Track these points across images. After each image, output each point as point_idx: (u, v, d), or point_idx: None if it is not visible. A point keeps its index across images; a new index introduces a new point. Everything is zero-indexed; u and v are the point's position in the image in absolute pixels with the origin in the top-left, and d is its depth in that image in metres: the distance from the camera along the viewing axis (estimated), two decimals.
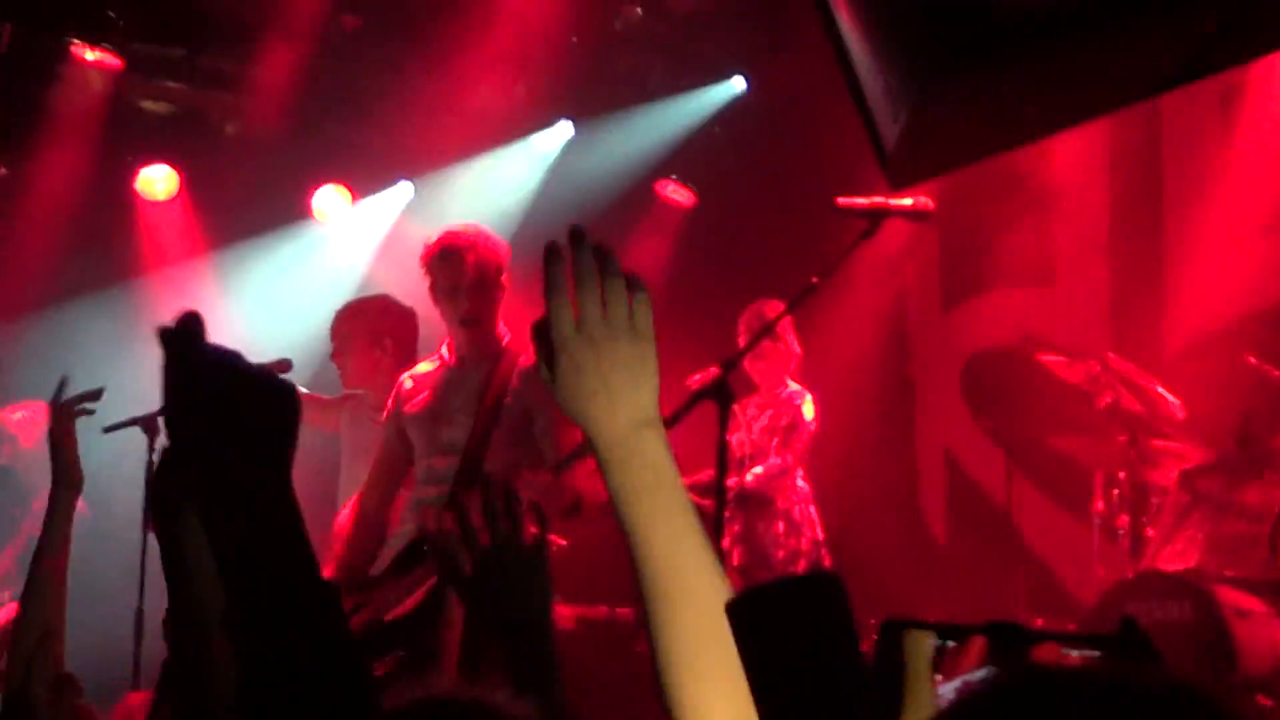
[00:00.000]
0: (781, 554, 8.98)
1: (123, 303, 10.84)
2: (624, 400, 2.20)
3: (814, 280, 5.50)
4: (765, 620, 1.89)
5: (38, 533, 4.55)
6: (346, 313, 8.03)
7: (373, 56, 10.51)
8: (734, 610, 1.94)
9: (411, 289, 7.47)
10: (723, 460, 5.36)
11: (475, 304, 6.78)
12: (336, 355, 7.93)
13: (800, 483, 9.16)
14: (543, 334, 2.19)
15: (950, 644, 1.85)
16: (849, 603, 1.89)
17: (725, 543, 9.10)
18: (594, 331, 2.19)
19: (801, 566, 8.94)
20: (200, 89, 10.88)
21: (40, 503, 9.24)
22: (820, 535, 9.11)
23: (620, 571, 2.18)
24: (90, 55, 10.15)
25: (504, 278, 6.87)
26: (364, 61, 10.55)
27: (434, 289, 6.82)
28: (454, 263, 6.78)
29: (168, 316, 2.07)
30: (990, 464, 10.10)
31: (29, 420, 9.45)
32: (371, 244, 11.23)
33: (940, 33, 2.34)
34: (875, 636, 1.85)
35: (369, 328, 7.85)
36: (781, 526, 9.04)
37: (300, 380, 7.49)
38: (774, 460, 9.04)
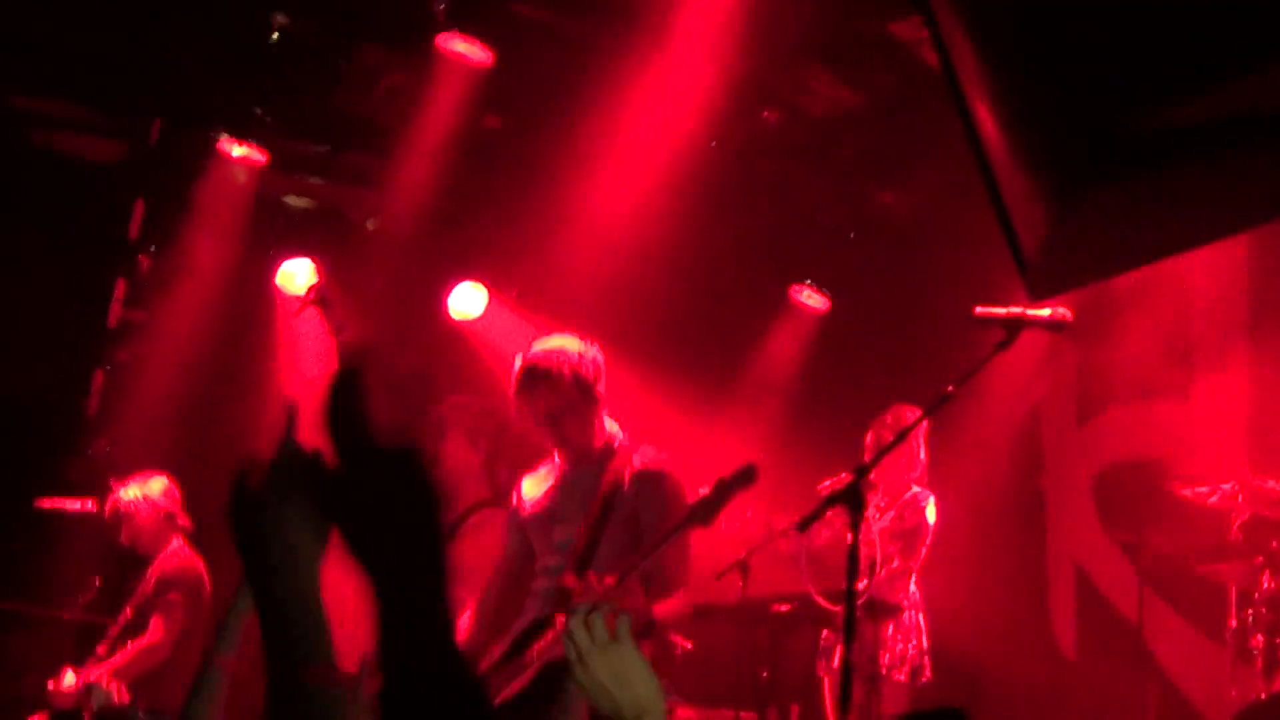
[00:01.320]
0: (887, 657, 8.90)
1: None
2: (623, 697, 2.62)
3: (949, 389, 5.49)
4: None
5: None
6: (451, 403, 8.10)
7: (512, 156, 10.62)
8: None
9: None
10: (853, 566, 5.34)
11: (574, 424, 6.68)
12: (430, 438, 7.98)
13: (913, 588, 9.10)
14: None
15: None
16: None
17: (826, 638, 9.07)
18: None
19: (906, 673, 8.85)
20: (341, 185, 11.05)
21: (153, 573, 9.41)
22: (926, 644, 9.03)
23: (743, 675, 2.23)
24: (236, 150, 10.35)
25: (600, 387, 6.71)
26: (503, 161, 10.67)
27: (528, 416, 6.73)
28: (545, 387, 6.65)
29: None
30: (1122, 578, 9.97)
31: (142, 499, 9.56)
32: (501, 340, 11.30)
33: (1085, 144, 2.34)
34: None
35: (469, 424, 7.92)
36: (890, 629, 8.98)
37: None
38: (895, 564, 8.99)
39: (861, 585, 8.41)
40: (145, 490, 9.53)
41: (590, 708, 5.37)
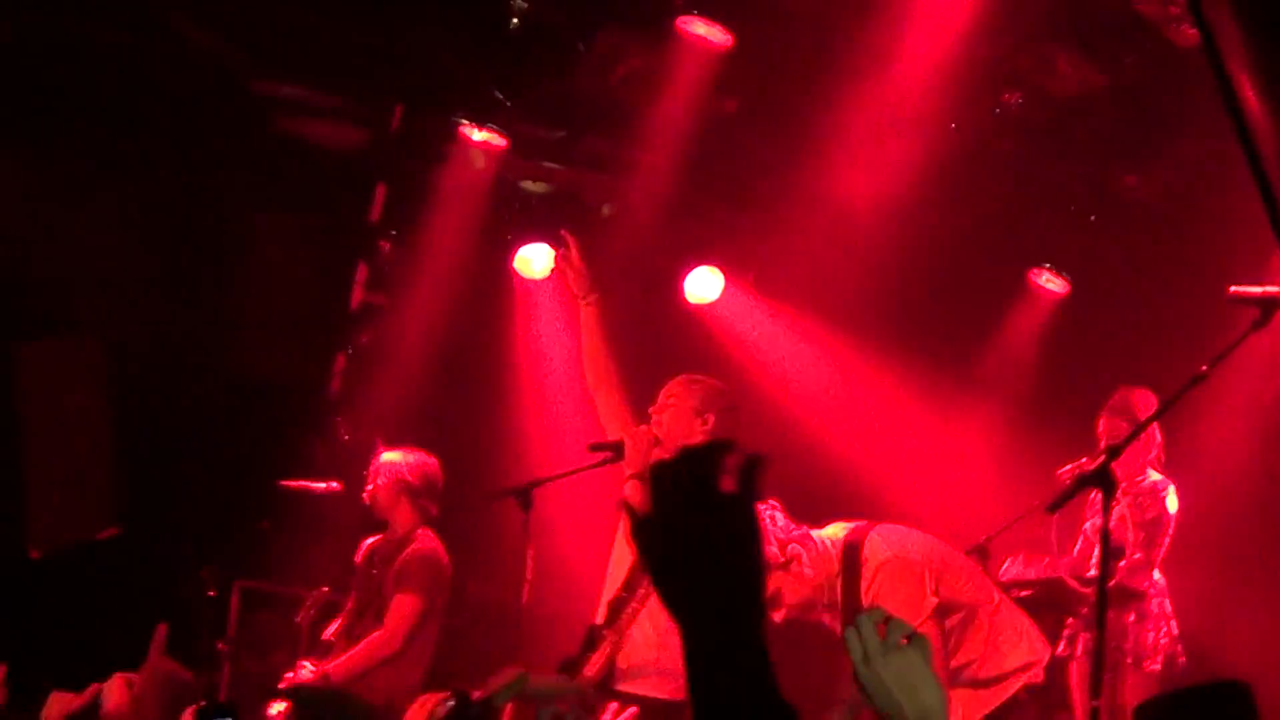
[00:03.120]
0: (1128, 644, 8.77)
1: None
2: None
3: (1203, 369, 5.40)
4: None
5: None
6: (684, 378, 8.09)
7: (749, 140, 10.62)
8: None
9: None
10: (1106, 548, 5.28)
11: None
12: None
13: (1157, 575, 8.96)
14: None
15: None
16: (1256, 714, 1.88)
17: (1071, 624, 8.96)
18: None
19: (1160, 662, 8.72)
20: (578, 169, 11.14)
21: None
22: (1176, 631, 8.88)
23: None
24: (477, 135, 10.48)
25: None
26: (741, 145, 10.67)
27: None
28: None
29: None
30: None
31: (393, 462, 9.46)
32: (738, 324, 11.31)
33: None
34: None
35: (695, 401, 7.89)
36: (1132, 617, 8.84)
37: None
38: (1137, 555, 8.86)
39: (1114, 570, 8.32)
40: (404, 458, 9.30)
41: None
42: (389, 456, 9.27)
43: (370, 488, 9.24)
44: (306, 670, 8.77)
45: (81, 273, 9.62)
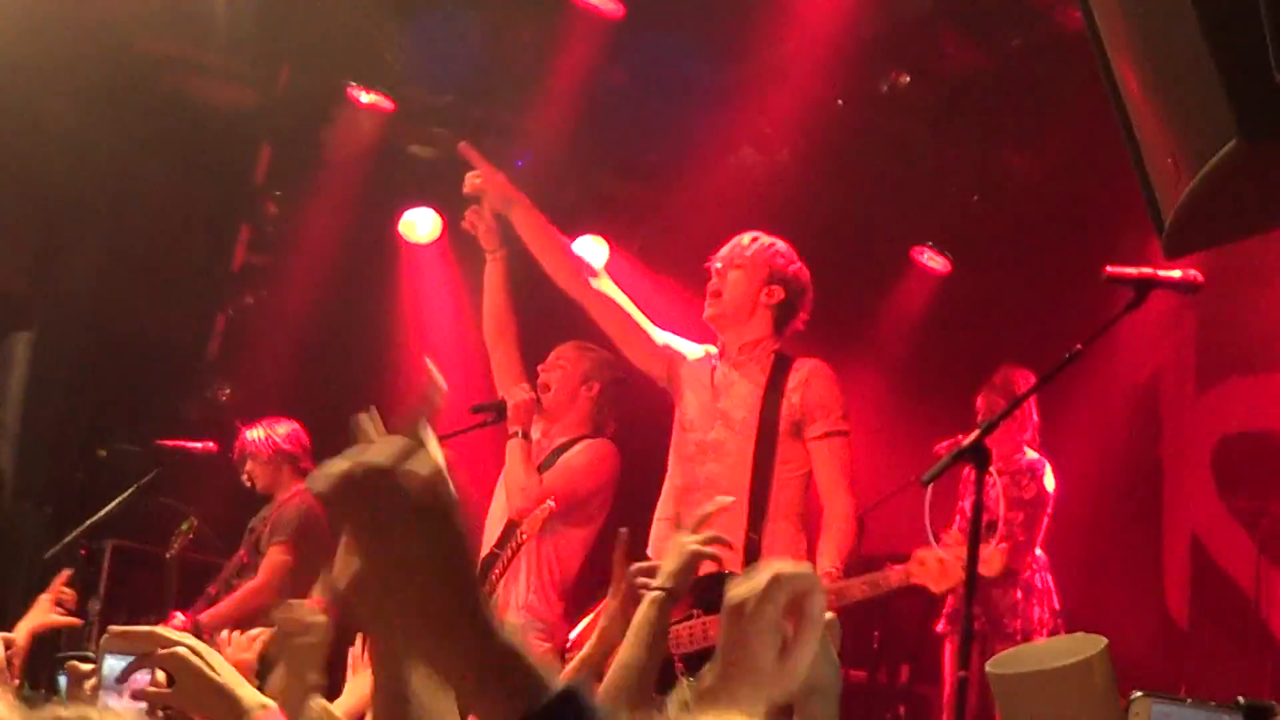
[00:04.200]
0: (1018, 622, 8.90)
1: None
2: None
3: (1078, 347, 5.48)
4: None
5: None
6: (575, 344, 8.10)
7: (638, 112, 10.64)
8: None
9: None
10: (977, 525, 5.34)
11: None
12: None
13: (1038, 551, 9.09)
14: None
15: None
16: None
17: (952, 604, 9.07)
18: None
19: (1043, 635, 8.85)
20: (468, 136, 11.10)
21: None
22: (1058, 605, 9.02)
23: (854, 634, 2.21)
24: (365, 98, 10.44)
25: None
26: (629, 117, 10.69)
27: None
28: None
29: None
30: (1239, 549, 9.90)
31: (265, 439, 9.63)
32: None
33: (1245, 97, 2.33)
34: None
35: (585, 367, 7.95)
36: (1019, 594, 8.98)
37: None
38: (1020, 537, 8.98)
39: (985, 547, 8.41)
40: (271, 432, 9.61)
41: None
42: (255, 434, 9.50)
43: (247, 468, 9.45)
44: (178, 620, 8.89)
45: None
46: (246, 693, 3.37)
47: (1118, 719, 1.68)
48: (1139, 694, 3.80)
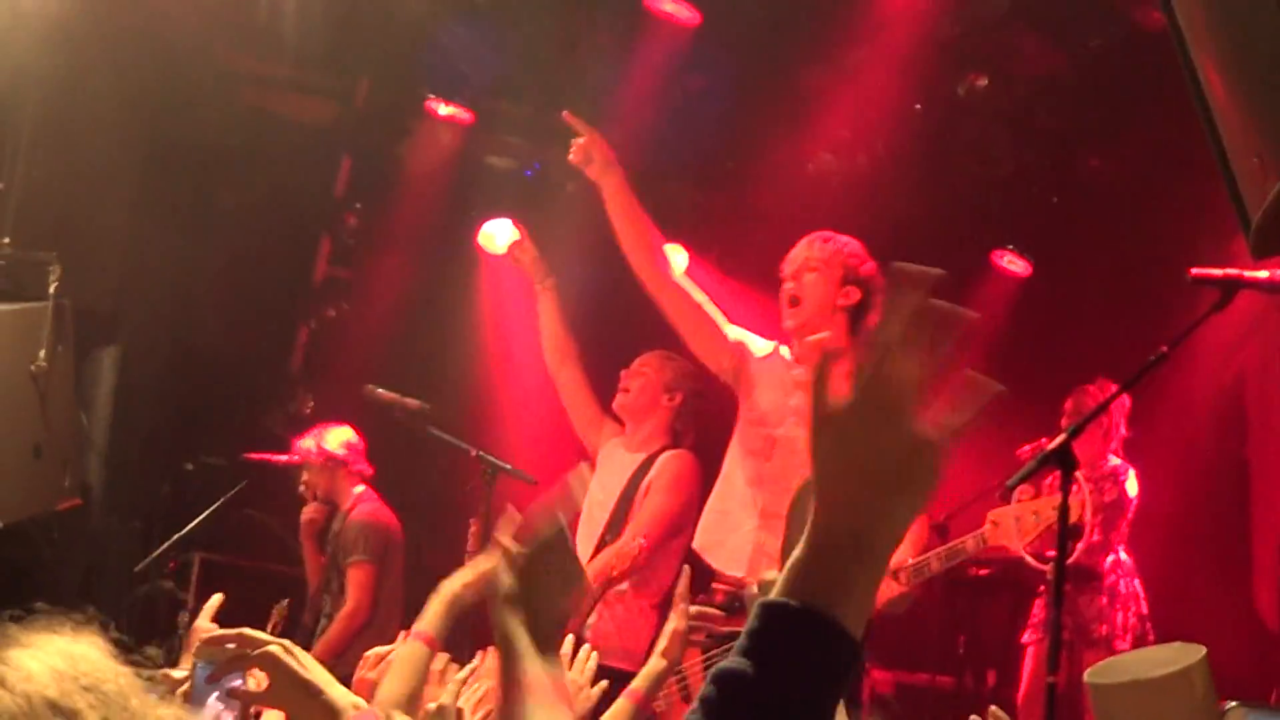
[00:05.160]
0: (1104, 629, 8.84)
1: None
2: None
3: (1163, 349, 5.43)
4: None
5: None
6: (656, 354, 8.10)
7: (716, 118, 10.64)
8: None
9: None
10: (1064, 530, 5.31)
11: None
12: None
13: (1124, 556, 9.03)
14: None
15: None
16: None
17: (1040, 614, 9.01)
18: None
19: (1130, 641, 8.78)
20: (544, 146, 11.13)
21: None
22: (1145, 610, 8.96)
23: (941, 639, 2.19)
24: (443, 110, 10.49)
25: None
26: (706, 124, 10.68)
27: None
28: None
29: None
30: None
31: (316, 449, 9.74)
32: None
33: None
34: None
35: (667, 378, 7.96)
36: (1104, 600, 8.92)
37: None
38: (1095, 537, 8.92)
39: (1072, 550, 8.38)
40: (320, 440, 9.68)
41: None
42: (306, 443, 9.60)
43: (304, 479, 9.57)
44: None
45: (48, 241, 9.58)
46: (339, 693, 3.39)
47: None
48: (1234, 704, 3.75)
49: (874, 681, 8.68)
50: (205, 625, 4.13)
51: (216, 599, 4.24)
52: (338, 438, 9.72)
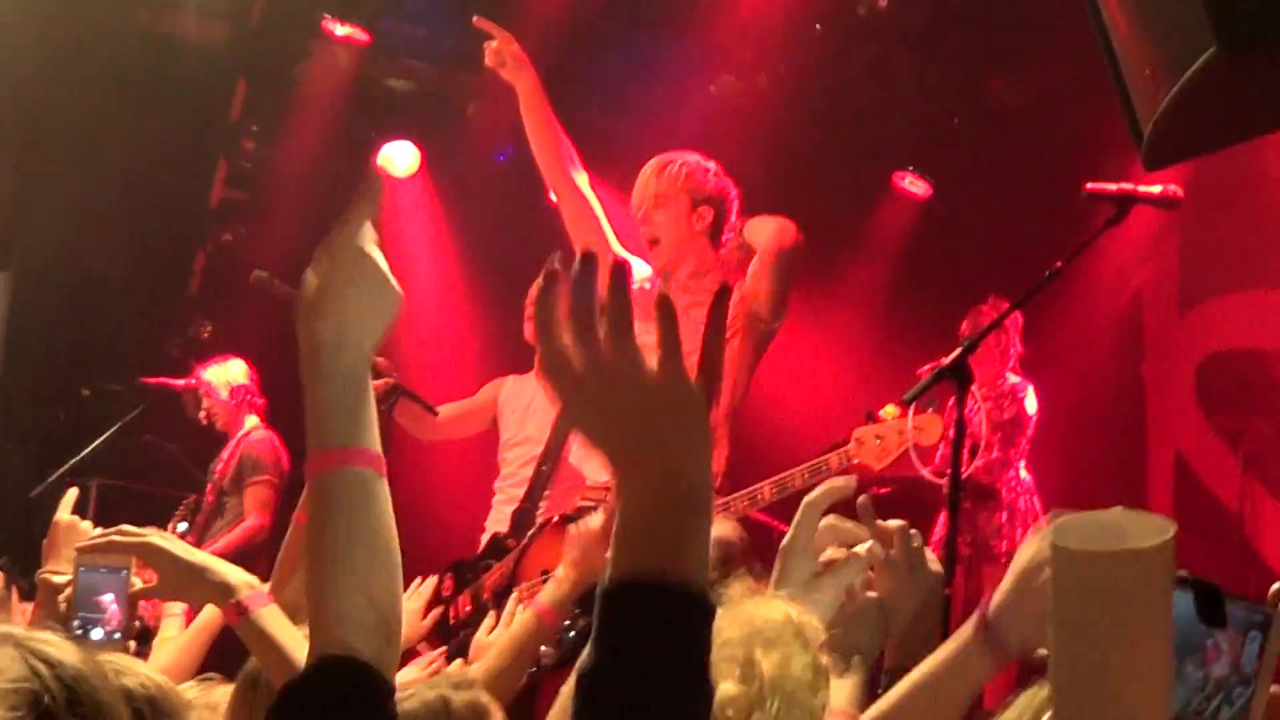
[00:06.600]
0: (1003, 545, 8.92)
1: None
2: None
3: (1059, 265, 5.47)
4: None
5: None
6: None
7: (614, 43, 10.58)
8: None
9: None
10: (959, 445, 5.34)
11: None
12: None
13: (1024, 474, 9.11)
14: None
15: None
16: None
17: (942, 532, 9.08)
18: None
19: None
20: (443, 68, 11.04)
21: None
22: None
23: None
24: (340, 30, 10.37)
25: None
26: (605, 47, 10.62)
27: None
28: None
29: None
30: (1224, 469, 9.92)
31: (219, 379, 9.78)
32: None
33: (1222, 5, 2.31)
34: None
35: None
36: (1004, 517, 9.00)
37: None
38: (995, 455, 9.00)
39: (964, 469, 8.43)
40: (226, 370, 9.74)
41: None
42: (214, 374, 9.62)
43: (205, 406, 9.58)
44: None
45: None
46: (229, 570, 3.34)
47: (1166, 617, 1.61)
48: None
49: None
50: (65, 518, 4.07)
51: (72, 493, 4.18)
52: (240, 369, 9.77)
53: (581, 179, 7.05)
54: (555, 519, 6.62)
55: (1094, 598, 1.80)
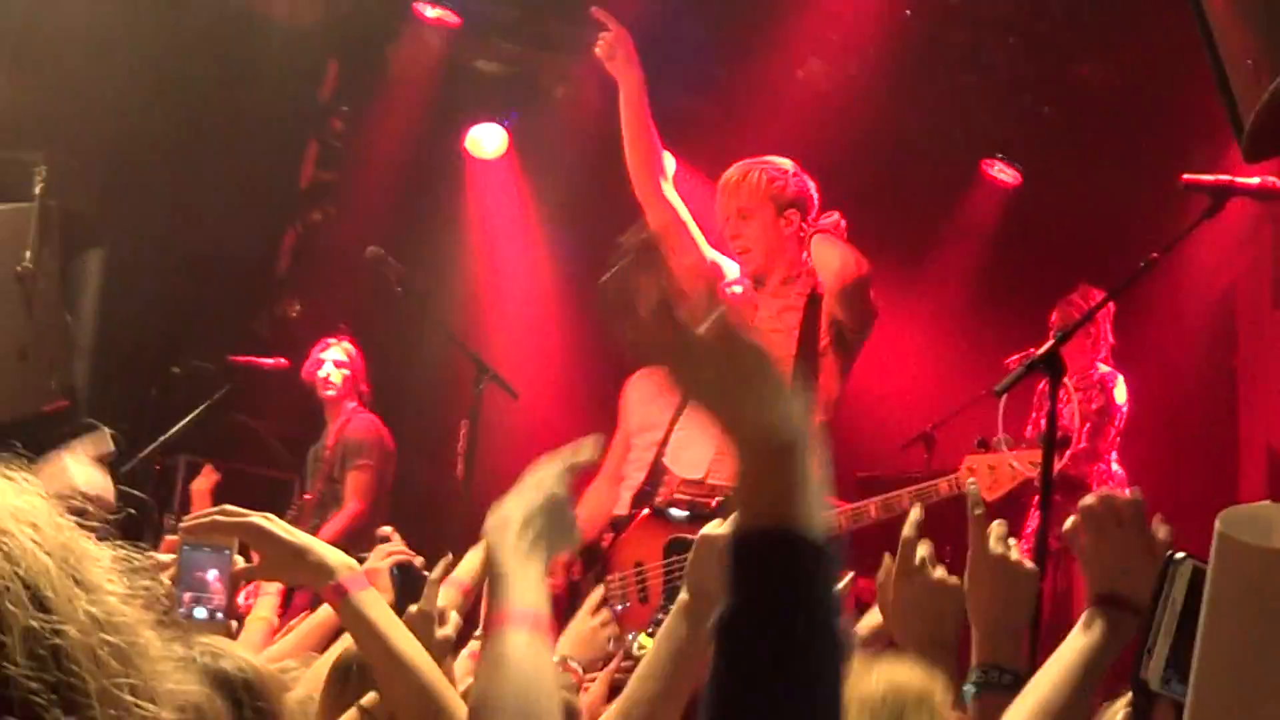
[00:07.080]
0: None
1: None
2: None
3: (1153, 256, 5.42)
4: None
5: None
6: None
7: (704, 26, 10.56)
8: None
9: None
10: (1051, 437, 5.31)
11: None
12: None
13: (1115, 467, 9.03)
14: None
15: None
16: None
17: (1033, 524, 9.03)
18: None
19: None
20: (533, 51, 11.06)
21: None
22: None
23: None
24: (430, 13, 10.40)
25: None
26: (695, 31, 10.60)
27: None
28: None
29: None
30: None
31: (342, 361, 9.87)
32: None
33: None
34: None
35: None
36: None
37: None
38: (1082, 445, 8.93)
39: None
40: (349, 352, 9.80)
41: None
42: (343, 351, 9.67)
43: (325, 375, 9.61)
44: None
45: (37, 144, 9.53)
46: (329, 552, 3.35)
47: None
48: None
49: (859, 590, 8.69)
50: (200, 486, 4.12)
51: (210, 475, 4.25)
52: (348, 351, 9.86)
53: (669, 188, 7.10)
54: (645, 512, 6.66)
55: (1253, 595, 1.75)
